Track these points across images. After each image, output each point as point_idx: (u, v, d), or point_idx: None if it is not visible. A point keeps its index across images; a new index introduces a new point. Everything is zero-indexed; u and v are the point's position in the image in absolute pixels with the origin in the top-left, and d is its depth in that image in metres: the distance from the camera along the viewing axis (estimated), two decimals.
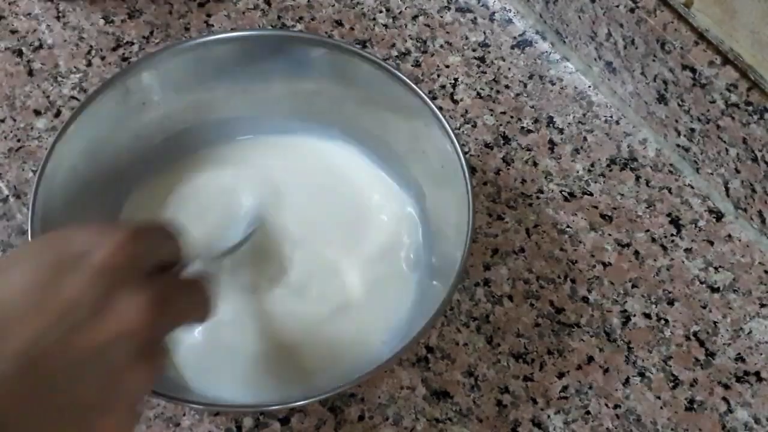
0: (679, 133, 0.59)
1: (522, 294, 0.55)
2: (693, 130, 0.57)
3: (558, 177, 0.60)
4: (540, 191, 0.59)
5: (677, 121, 0.58)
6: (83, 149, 0.51)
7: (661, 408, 0.52)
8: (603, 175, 0.60)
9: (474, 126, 0.62)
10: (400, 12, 0.67)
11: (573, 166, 0.60)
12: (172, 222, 0.38)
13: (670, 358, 0.53)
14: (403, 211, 0.55)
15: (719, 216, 0.59)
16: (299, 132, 0.57)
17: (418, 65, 0.64)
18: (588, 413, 0.51)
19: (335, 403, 0.51)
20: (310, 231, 0.54)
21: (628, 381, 0.52)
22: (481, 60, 0.65)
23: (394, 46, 0.65)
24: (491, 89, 0.64)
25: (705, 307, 0.55)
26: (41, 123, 0.61)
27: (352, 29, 0.66)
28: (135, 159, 0.54)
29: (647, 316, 0.55)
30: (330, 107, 0.56)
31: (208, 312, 0.39)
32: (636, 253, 0.57)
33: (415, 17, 0.67)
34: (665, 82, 0.57)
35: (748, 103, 0.53)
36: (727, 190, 0.58)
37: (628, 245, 0.57)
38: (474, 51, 0.65)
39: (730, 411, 0.52)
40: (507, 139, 0.61)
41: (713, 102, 0.54)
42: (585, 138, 0.62)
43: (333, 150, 0.57)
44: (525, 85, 0.64)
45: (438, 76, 0.64)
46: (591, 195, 0.59)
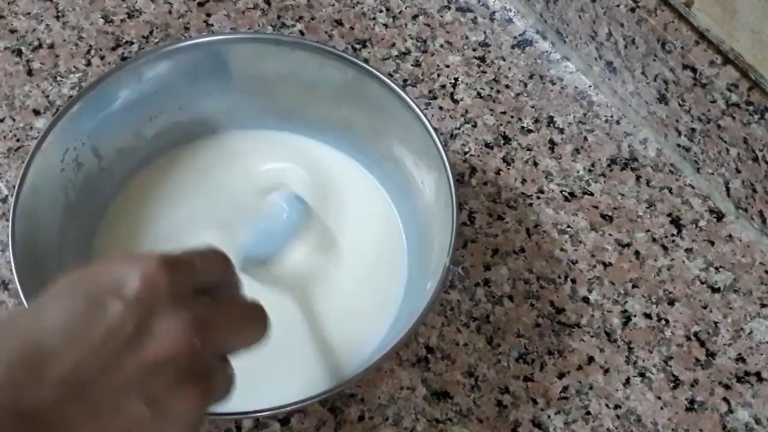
0: (680, 133, 0.59)
1: (522, 294, 0.55)
2: (694, 129, 0.57)
3: (558, 177, 0.60)
4: (540, 191, 0.59)
5: (678, 121, 0.58)
6: (67, 151, 0.52)
7: (662, 408, 0.52)
8: (603, 175, 0.60)
9: (474, 126, 0.62)
10: (400, 12, 0.67)
11: (573, 166, 0.60)
12: (213, 245, 0.38)
13: (670, 358, 0.53)
14: (392, 215, 0.55)
15: (720, 216, 0.59)
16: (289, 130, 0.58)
17: (418, 65, 0.64)
18: (588, 413, 0.51)
19: (335, 404, 0.51)
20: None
21: (628, 381, 0.52)
22: (482, 60, 0.65)
23: (394, 45, 0.65)
24: (491, 89, 0.64)
25: (706, 308, 0.55)
26: (41, 123, 0.60)
27: (352, 29, 0.66)
28: (124, 157, 0.55)
29: (648, 316, 0.55)
30: (321, 111, 0.57)
31: (261, 334, 0.38)
32: (636, 253, 0.57)
33: (415, 17, 0.67)
34: (666, 81, 0.57)
35: (748, 103, 0.53)
36: (728, 190, 0.58)
37: (628, 245, 0.57)
38: (474, 50, 0.65)
39: (730, 411, 0.52)
40: (507, 139, 0.61)
41: (714, 102, 0.54)
42: (585, 138, 0.62)
43: (321, 150, 0.57)
44: (525, 85, 0.64)
45: (438, 75, 0.64)
46: (591, 195, 0.59)
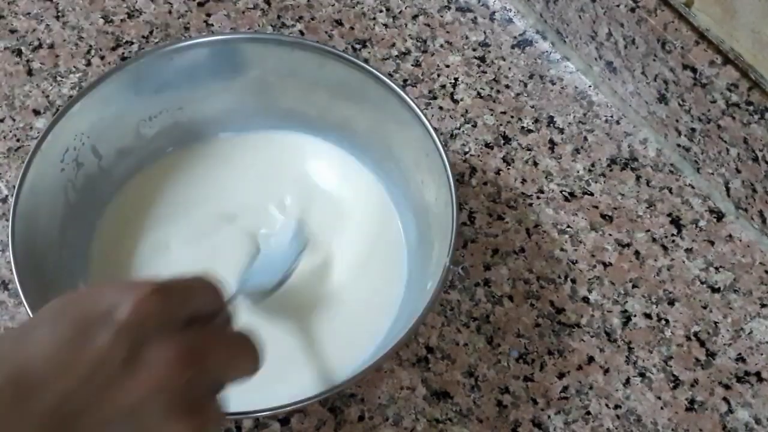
0: (680, 133, 0.59)
1: (522, 294, 0.55)
2: (694, 129, 0.57)
3: (558, 177, 0.60)
4: (540, 191, 0.59)
5: (678, 121, 0.58)
6: (67, 151, 0.52)
7: (662, 408, 0.52)
8: (603, 175, 0.60)
9: (474, 126, 0.62)
10: (400, 12, 0.67)
11: (573, 165, 0.60)
12: (207, 272, 0.37)
13: (670, 358, 0.53)
14: (392, 216, 0.55)
15: (720, 216, 0.59)
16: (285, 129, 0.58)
17: (418, 65, 0.64)
18: (588, 413, 0.51)
19: (335, 404, 0.51)
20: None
21: (628, 381, 0.52)
22: (482, 59, 0.65)
23: (394, 45, 0.65)
24: (491, 89, 0.64)
25: (705, 308, 0.55)
26: (40, 123, 0.60)
27: (352, 29, 0.66)
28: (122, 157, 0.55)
29: (648, 316, 0.55)
30: (321, 109, 0.56)
31: (254, 364, 0.37)
32: (636, 253, 0.57)
33: (415, 17, 0.67)
34: (666, 81, 0.57)
35: (748, 103, 0.53)
36: (728, 190, 0.58)
37: (628, 245, 0.57)
38: (474, 50, 0.65)
39: (730, 411, 0.52)
40: (507, 139, 0.61)
41: (714, 102, 0.54)
42: (585, 138, 0.62)
43: (321, 150, 0.57)
44: (525, 85, 0.64)
45: (438, 75, 0.64)
46: (591, 195, 0.59)
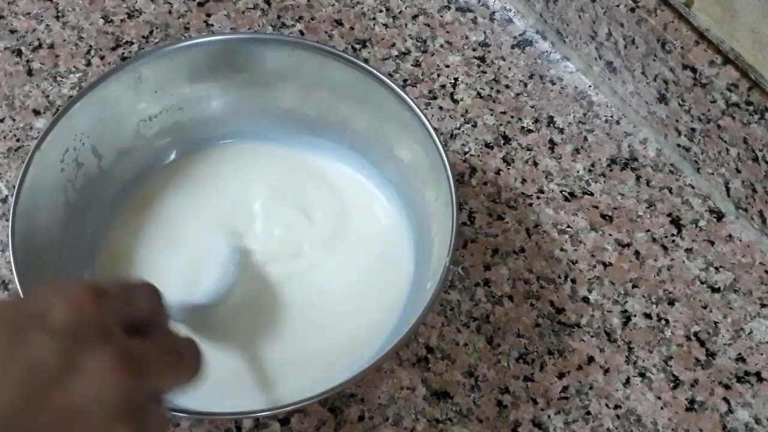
0: (680, 133, 0.59)
1: (522, 294, 0.55)
2: (694, 129, 0.57)
3: (558, 177, 0.60)
4: (540, 191, 0.59)
5: (678, 121, 0.58)
6: (67, 151, 0.52)
7: (662, 408, 0.52)
8: (603, 175, 0.60)
9: (474, 126, 0.62)
10: (400, 12, 0.67)
11: (573, 165, 0.60)
12: (147, 279, 0.36)
13: (670, 358, 0.53)
14: (393, 216, 0.55)
15: (720, 216, 0.59)
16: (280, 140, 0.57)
17: (418, 65, 0.64)
18: (588, 413, 0.51)
19: (335, 404, 0.51)
20: (299, 241, 0.54)
21: (628, 381, 0.52)
22: (482, 59, 0.65)
23: (394, 45, 0.65)
24: (491, 89, 0.64)
25: (706, 308, 0.55)
26: (40, 123, 0.60)
27: (351, 29, 0.66)
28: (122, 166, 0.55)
29: (648, 316, 0.55)
30: (320, 113, 0.56)
31: (195, 372, 0.36)
32: (636, 253, 0.57)
33: (415, 17, 0.67)
34: (666, 81, 0.57)
35: (748, 103, 0.52)
36: (728, 190, 0.58)
37: (628, 245, 0.57)
38: (474, 50, 0.65)
39: (730, 411, 0.52)
40: (507, 139, 0.61)
41: (714, 102, 0.54)
42: (585, 138, 0.62)
43: (320, 151, 0.57)
44: (525, 85, 0.64)
45: (438, 75, 0.64)
46: (591, 195, 0.59)
